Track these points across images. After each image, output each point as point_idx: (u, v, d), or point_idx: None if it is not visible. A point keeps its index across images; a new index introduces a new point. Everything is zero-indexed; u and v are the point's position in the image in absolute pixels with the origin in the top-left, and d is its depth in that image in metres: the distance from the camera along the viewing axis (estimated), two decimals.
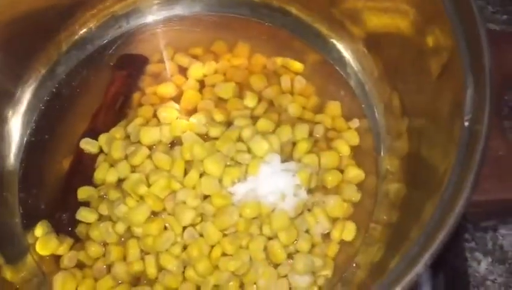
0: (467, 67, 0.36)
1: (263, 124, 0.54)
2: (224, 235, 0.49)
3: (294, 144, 0.54)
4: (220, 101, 0.57)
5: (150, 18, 0.62)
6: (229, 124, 0.55)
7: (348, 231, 0.50)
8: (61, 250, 0.50)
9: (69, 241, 0.51)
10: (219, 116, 0.55)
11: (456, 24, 0.38)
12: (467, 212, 0.34)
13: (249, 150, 0.52)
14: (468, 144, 0.34)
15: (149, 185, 0.50)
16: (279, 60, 0.59)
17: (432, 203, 0.37)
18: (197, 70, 0.58)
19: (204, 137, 0.54)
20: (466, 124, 0.35)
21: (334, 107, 0.56)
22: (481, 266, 0.51)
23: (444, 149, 0.39)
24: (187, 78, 0.58)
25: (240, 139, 0.53)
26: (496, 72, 0.35)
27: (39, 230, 0.51)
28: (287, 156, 0.53)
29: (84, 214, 0.51)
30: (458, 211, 0.32)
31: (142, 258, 0.49)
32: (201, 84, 0.58)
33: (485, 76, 0.34)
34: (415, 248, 0.33)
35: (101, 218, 0.51)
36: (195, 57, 0.59)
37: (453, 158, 0.35)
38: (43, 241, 0.50)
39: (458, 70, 0.37)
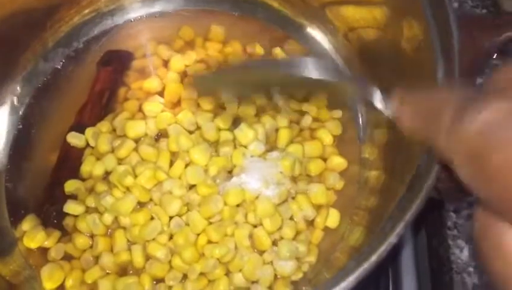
0: (438, 52, 0.38)
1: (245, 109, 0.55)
2: (210, 223, 0.50)
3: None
4: None
5: (133, 14, 0.63)
6: (215, 112, 0.55)
7: (332, 218, 0.52)
8: (49, 242, 0.51)
9: (57, 233, 0.51)
10: (206, 105, 0.56)
11: (427, 11, 0.39)
12: (442, 189, 0.35)
13: (234, 139, 0.53)
14: None
15: (135, 177, 0.51)
16: (258, 48, 0.60)
17: (405, 185, 0.38)
18: (177, 62, 0.59)
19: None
20: None
21: (319, 98, 0.57)
22: (463, 253, 0.52)
23: None
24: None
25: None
26: (466, 57, 0.37)
27: (26, 224, 0.51)
28: (271, 146, 0.54)
29: (71, 207, 0.51)
30: (428, 184, 0.33)
31: (129, 249, 0.50)
32: (185, 75, 0.59)
33: (454, 59, 0.35)
34: (389, 222, 0.34)
35: (88, 210, 0.52)
36: (178, 51, 0.60)
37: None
38: (31, 234, 0.51)
39: (430, 56, 0.39)
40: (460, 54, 0.35)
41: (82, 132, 0.55)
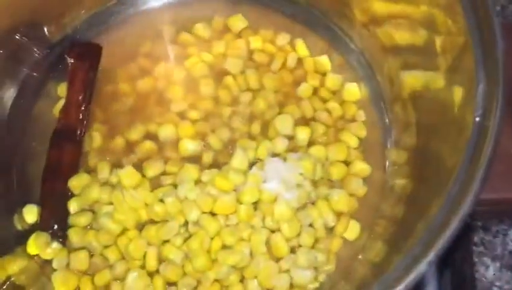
0: (479, 62, 0.35)
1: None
2: (226, 226, 0.48)
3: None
4: None
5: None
6: None
7: (352, 231, 0.49)
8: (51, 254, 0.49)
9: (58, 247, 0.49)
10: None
11: (469, 16, 0.36)
12: (476, 212, 0.33)
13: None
14: (477, 140, 0.33)
15: None
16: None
17: (438, 199, 0.36)
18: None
19: None
20: (477, 119, 0.33)
21: (349, 94, 0.55)
22: (489, 271, 0.50)
23: (453, 144, 0.38)
24: None
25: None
26: (509, 67, 0.34)
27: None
28: (293, 146, 0.52)
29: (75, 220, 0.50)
30: (465, 209, 0.31)
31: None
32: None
33: (498, 71, 0.33)
34: (419, 245, 0.32)
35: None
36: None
37: (462, 154, 0.34)
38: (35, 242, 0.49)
39: (470, 64, 0.36)
40: (504, 66, 0.32)
41: (70, 135, 0.53)
